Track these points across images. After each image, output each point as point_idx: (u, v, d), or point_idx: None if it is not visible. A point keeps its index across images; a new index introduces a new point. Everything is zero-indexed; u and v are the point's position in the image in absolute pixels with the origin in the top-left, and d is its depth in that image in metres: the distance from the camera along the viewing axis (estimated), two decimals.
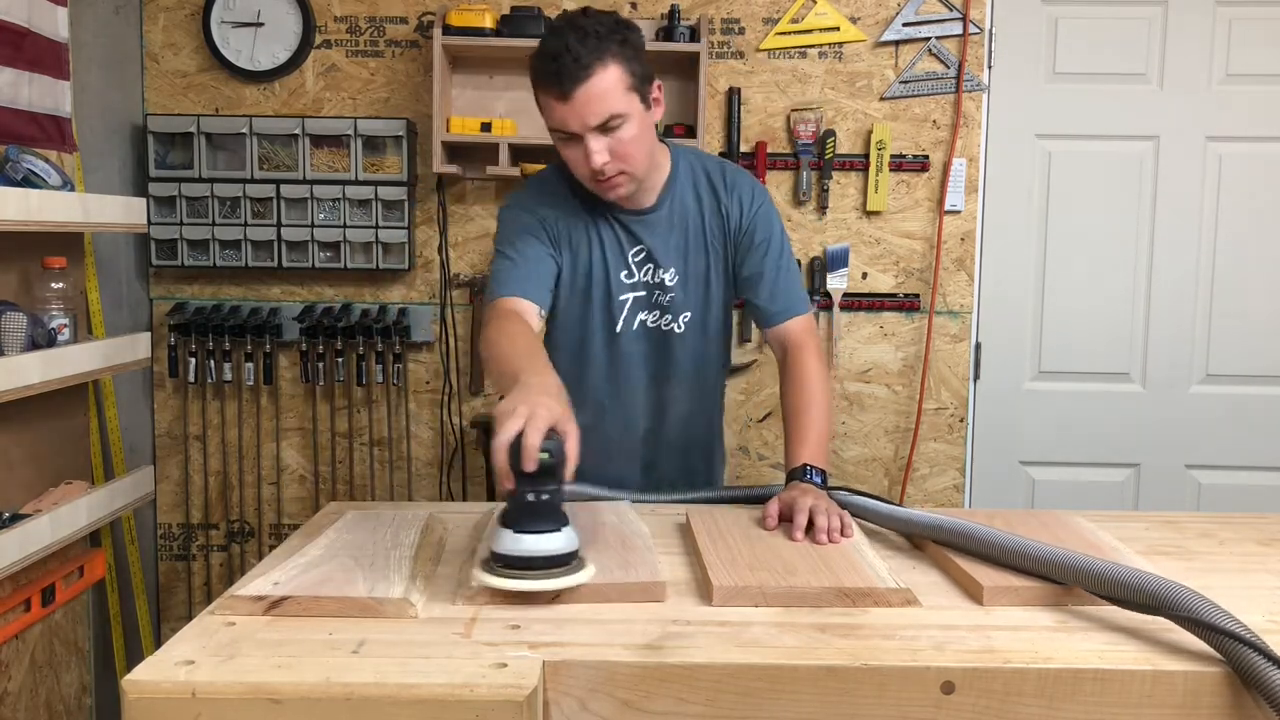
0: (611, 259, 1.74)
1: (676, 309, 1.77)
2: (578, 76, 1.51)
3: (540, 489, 1.19)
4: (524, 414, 1.19)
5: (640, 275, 1.75)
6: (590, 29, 1.53)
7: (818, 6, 2.86)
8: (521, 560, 1.19)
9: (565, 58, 1.51)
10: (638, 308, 1.76)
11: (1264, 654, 0.99)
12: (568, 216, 1.73)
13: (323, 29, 2.87)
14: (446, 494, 2.99)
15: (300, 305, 2.92)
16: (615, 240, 1.74)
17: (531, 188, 1.78)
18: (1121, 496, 3.01)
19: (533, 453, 1.16)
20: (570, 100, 1.52)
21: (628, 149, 1.59)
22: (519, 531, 1.19)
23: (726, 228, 1.76)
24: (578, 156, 1.59)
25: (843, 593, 1.19)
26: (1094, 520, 1.54)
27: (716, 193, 1.76)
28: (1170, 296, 2.95)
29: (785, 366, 1.74)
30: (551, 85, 1.53)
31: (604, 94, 1.53)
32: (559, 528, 1.21)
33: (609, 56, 1.53)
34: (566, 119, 1.55)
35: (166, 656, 1.02)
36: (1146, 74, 2.90)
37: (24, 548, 1.93)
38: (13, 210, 1.89)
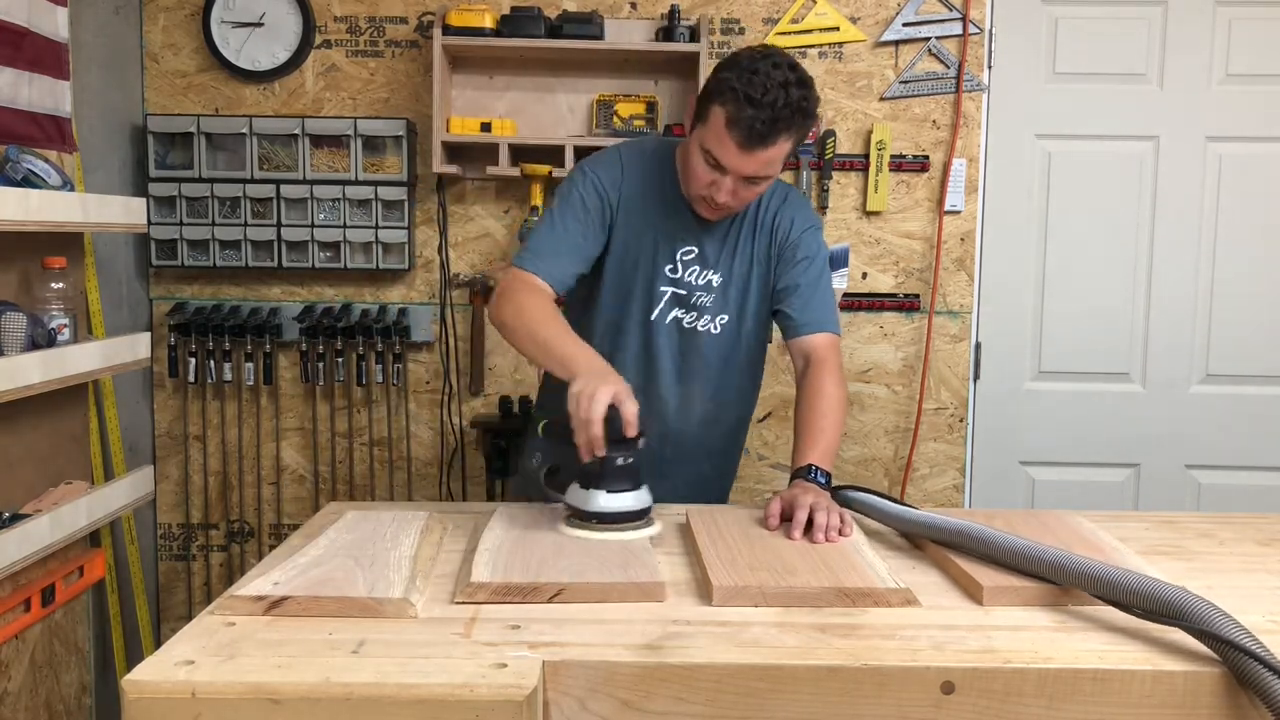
0: (662, 250, 1.77)
1: (714, 311, 1.81)
2: (765, 140, 1.56)
3: (627, 454, 1.44)
4: (609, 390, 1.40)
5: (684, 274, 1.79)
6: (794, 95, 1.55)
7: (818, 6, 2.86)
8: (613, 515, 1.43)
9: (765, 114, 1.53)
10: (673, 303, 1.80)
11: (1266, 665, 0.98)
12: (637, 199, 1.76)
13: (323, 29, 2.87)
14: (446, 494, 2.99)
15: (300, 305, 2.92)
16: (672, 233, 1.77)
17: (614, 163, 1.78)
18: (1121, 496, 3.01)
19: (633, 420, 1.40)
20: (746, 154, 1.57)
21: (750, 197, 1.68)
22: (611, 491, 1.43)
23: (774, 240, 1.80)
24: (707, 179, 1.63)
25: (842, 593, 1.20)
26: (1094, 520, 1.54)
27: (772, 207, 1.80)
28: (1170, 296, 2.95)
29: (804, 379, 1.75)
30: (738, 130, 1.55)
31: (772, 160, 1.60)
32: (639, 486, 1.47)
33: (794, 130, 1.58)
34: (729, 160, 1.59)
35: (166, 656, 1.02)
36: (1146, 74, 2.90)
37: (24, 548, 1.93)
38: (13, 210, 1.89)
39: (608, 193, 1.74)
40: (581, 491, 1.45)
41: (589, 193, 1.74)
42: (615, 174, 1.76)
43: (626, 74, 2.85)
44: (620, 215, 1.75)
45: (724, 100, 1.56)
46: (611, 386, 1.40)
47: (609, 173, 1.76)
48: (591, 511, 1.43)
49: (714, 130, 1.58)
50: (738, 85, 1.54)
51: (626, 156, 1.80)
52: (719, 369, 1.84)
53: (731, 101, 1.55)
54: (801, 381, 1.76)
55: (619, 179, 1.76)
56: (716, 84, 1.59)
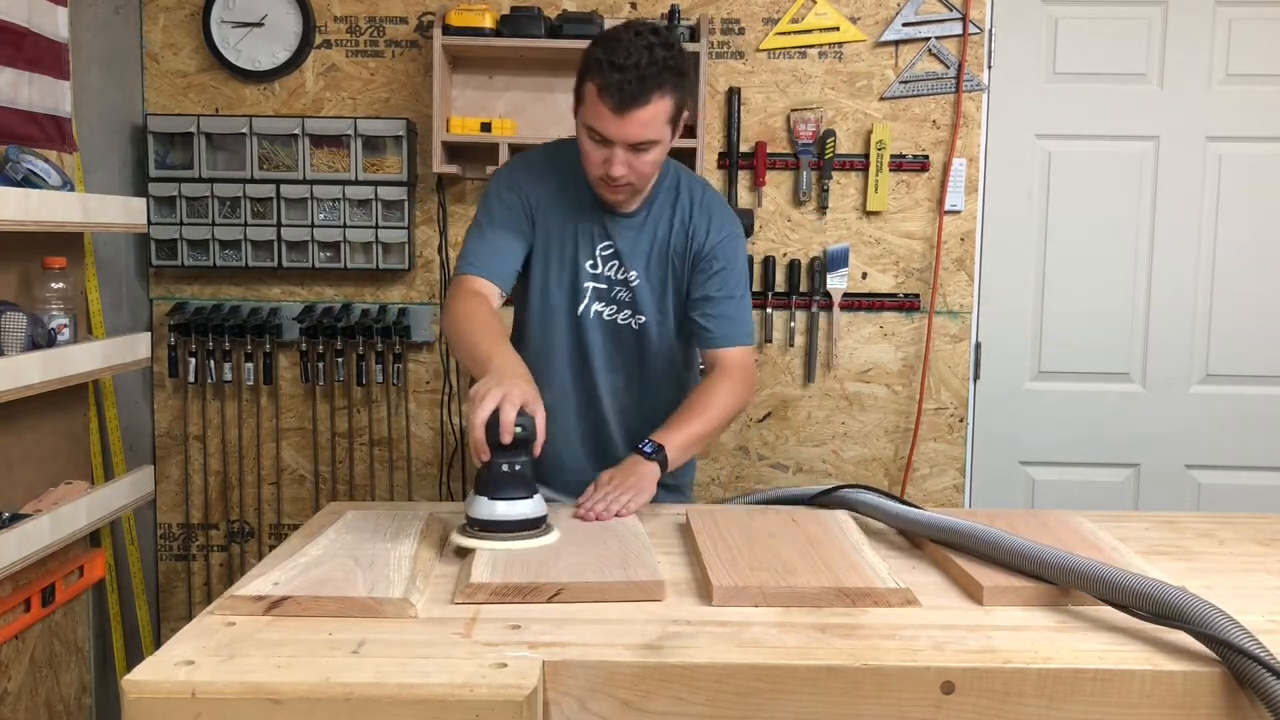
0: (582, 246, 1.80)
1: (636, 307, 1.83)
2: (637, 99, 1.58)
3: (514, 460, 1.36)
4: (499, 394, 1.35)
5: (604, 269, 1.81)
6: (659, 54, 1.58)
7: (818, 6, 2.86)
8: (496, 524, 1.35)
9: (631, 75, 1.56)
10: (596, 297, 1.82)
11: (1269, 668, 0.98)
12: (552, 197, 1.79)
13: (323, 29, 2.87)
14: (446, 494, 2.99)
15: (300, 305, 2.92)
16: (589, 230, 1.80)
17: (522, 165, 1.84)
18: (1121, 496, 3.01)
19: (509, 427, 1.33)
20: (621, 118, 1.59)
21: (645, 168, 1.68)
22: (493, 498, 1.36)
23: (689, 246, 1.81)
24: (599, 158, 1.66)
25: (842, 593, 1.20)
26: (1094, 520, 1.54)
27: (691, 211, 1.81)
28: (1170, 296, 2.95)
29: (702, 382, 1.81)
30: (609, 95, 1.58)
31: (651, 121, 1.61)
32: (530, 495, 1.38)
33: (667, 88, 1.60)
34: (608, 129, 1.61)
35: (166, 656, 1.02)
36: (1146, 74, 2.90)
37: (24, 548, 1.93)
38: (13, 210, 1.89)
39: (524, 191, 1.78)
40: (474, 498, 1.38)
41: (506, 193, 1.78)
42: (525, 174, 1.81)
43: None
44: (539, 214, 1.79)
45: (592, 73, 1.60)
46: (503, 389, 1.35)
47: (520, 174, 1.81)
48: (475, 519, 1.36)
49: (590, 105, 1.62)
50: (601, 55, 1.58)
51: (534, 158, 1.85)
52: (654, 368, 1.87)
53: (598, 72, 1.58)
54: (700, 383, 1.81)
55: (532, 178, 1.79)
56: (584, 62, 1.63)
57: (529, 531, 1.36)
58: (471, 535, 1.35)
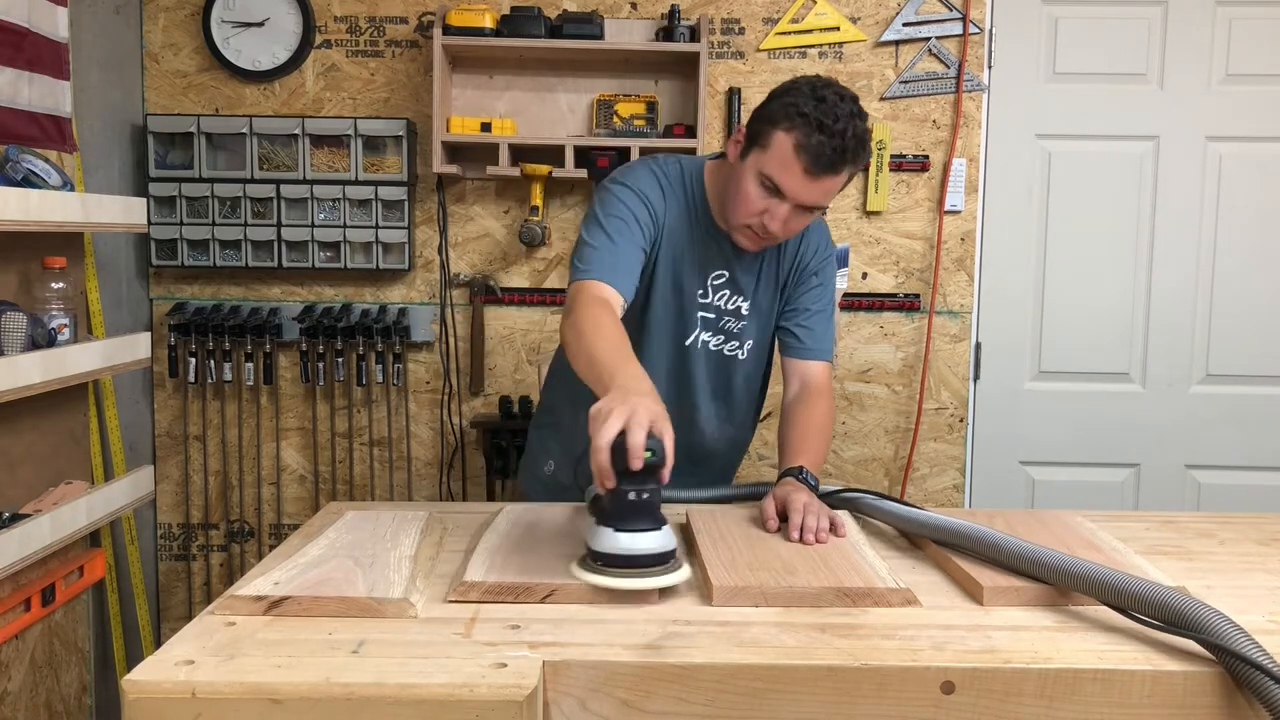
0: (695, 273, 1.75)
1: (743, 336, 1.81)
2: (834, 169, 1.55)
3: (642, 488, 1.20)
4: (624, 414, 1.19)
5: (714, 298, 1.77)
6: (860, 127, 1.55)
7: (818, 6, 2.86)
8: (625, 559, 1.20)
9: (836, 142, 1.52)
10: (705, 327, 1.79)
11: (1270, 674, 0.98)
12: (676, 219, 1.73)
13: (323, 29, 2.87)
14: (446, 494, 2.99)
15: (300, 305, 2.92)
16: (703, 258, 1.75)
17: (649, 174, 1.73)
18: (1121, 496, 3.01)
19: (639, 451, 1.17)
20: (811, 181, 1.55)
21: (797, 229, 1.66)
22: (620, 530, 1.21)
23: (794, 262, 1.80)
24: (759, 206, 1.60)
25: (843, 593, 1.20)
26: (1094, 520, 1.54)
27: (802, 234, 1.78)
28: (1170, 296, 2.95)
29: (800, 400, 1.77)
30: (806, 154, 1.53)
31: (833, 190, 1.59)
32: (659, 526, 1.23)
33: (856, 164, 1.58)
34: (794, 187, 1.56)
35: (166, 656, 1.02)
36: (1146, 74, 2.90)
37: (24, 548, 1.93)
38: (13, 210, 1.89)
39: (653, 203, 1.70)
40: (595, 529, 1.24)
41: (637, 207, 1.68)
42: (658, 193, 1.72)
43: (626, 74, 2.85)
44: (663, 236, 1.72)
45: (791, 125, 1.53)
46: (628, 409, 1.20)
47: (653, 191, 1.71)
48: (598, 552, 1.22)
49: (778, 155, 1.55)
50: (809, 111, 1.52)
51: (664, 178, 1.74)
52: (744, 393, 1.87)
53: (801, 127, 1.52)
54: (796, 401, 1.78)
55: (662, 199, 1.72)
56: (781, 109, 1.55)
57: (658, 567, 1.22)
58: (596, 571, 1.21)
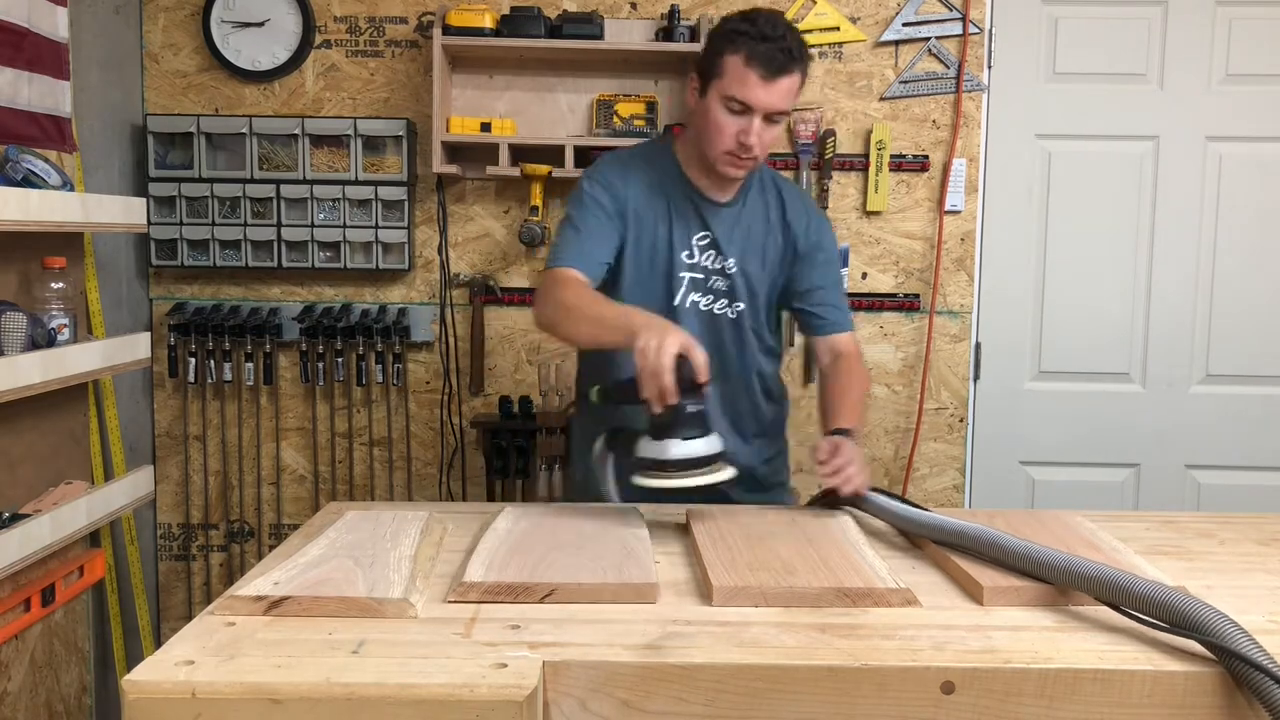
0: (677, 237, 1.84)
1: (733, 295, 1.87)
2: (787, 67, 1.69)
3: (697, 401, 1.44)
4: (676, 339, 1.42)
5: (700, 258, 1.85)
6: (797, 34, 1.72)
7: (818, 6, 2.86)
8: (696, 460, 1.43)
9: (783, 45, 1.68)
10: (693, 288, 1.86)
11: (1270, 675, 0.97)
12: (643, 192, 1.83)
13: (323, 29, 2.87)
14: (446, 494, 2.99)
15: (300, 305, 2.92)
16: (685, 222, 1.84)
17: (613, 163, 1.88)
18: (1121, 496, 3.01)
19: (704, 367, 1.42)
20: (769, 84, 1.68)
21: (769, 142, 1.76)
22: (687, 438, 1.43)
23: (788, 240, 1.88)
24: (734, 129, 1.71)
25: (842, 593, 1.19)
26: (1094, 520, 1.54)
27: (785, 208, 1.89)
28: (1170, 296, 2.95)
29: (837, 365, 1.90)
30: (758, 63, 1.67)
31: (791, 91, 1.72)
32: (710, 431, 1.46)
33: (802, 65, 1.72)
34: (756, 96, 1.69)
35: (166, 656, 1.02)
36: (1146, 74, 2.90)
37: (24, 548, 1.93)
38: (13, 210, 1.89)
39: (615, 187, 1.82)
40: (655, 443, 1.45)
41: (597, 191, 1.81)
42: (618, 171, 1.85)
43: (626, 74, 2.85)
44: (631, 209, 1.82)
45: (736, 46, 1.68)
46: (678, 335, 1.43)
47: (612, 171, 1.85)
48: (670, 460, 1.43)
49: (732, 74, 1.68)
50: (746, 29, 1.68)
51: (623, 157, 1.90)
52: (738, 354, 1.91)
53: (744, 43, 1.67)
54: (834, 369, 1.89)
55: (623, 175, 1.84)
56: (721, 37, 1.71)
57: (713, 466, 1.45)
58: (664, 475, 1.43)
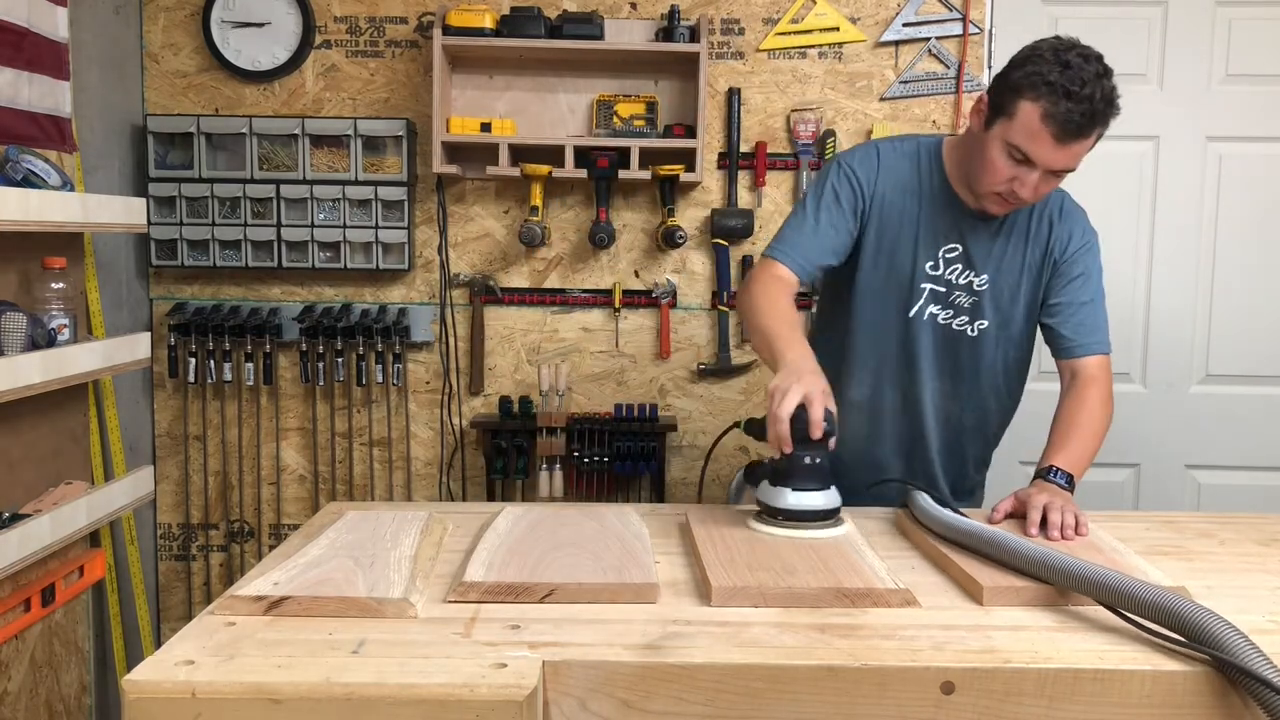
0: (923, 246, 1.75)
1: (976, 313, 1.78)
2: (1085, 132, 1.55)
3: (816, 454, 1.44)
4: (801, 390, 1.41)
5: (945, 271, 1.76)
6: (1108, 87, 1.56)
7: (818, 7, 2.86)
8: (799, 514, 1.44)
9: (1085, 107, 1.53)
10: (932, 300, 1.77)
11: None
12: (896, 191, 1.74)
13: (323, 29, 2.86)
14: (446, 494, 2.99)
15: (300, 305, 2.92)
16: (934, 231, 1.75)
17: (870, 153, 1.78)
18: (1121, 496, 3.01)
19: (820, 424, 1.40)
20: (1063, 146, 1.56)
21: (1047, 191, 1.65)
22: (797, 489, 1.44)
23: (1049, 251, 1.76)
24: (1008, 175, 1.60)
25: (841, 593, 1.19)
26: (1094, 521, 1.54)
27: (1053, 220, 1.77)
28: (1170, 296, 2.95)
29: (1068, 392, 1.74)
30: (1054, 122, 1.54)
31: (1082, 154, 1.59)
32: (828, 487, 1.46)
33: (1105, 124, 1.58)
34: (1042, 155, 1.57)
35: (166, 656, 1.02)
36: (1146, 74, 2.90)
37: (24, 548, 1.93)
38: (13, 210, 1.89)
39: (862, 186, 1.73)
40: (770, 489, 1.47)
41: (842, 185, 1.73)
42: (871, 168, 1.75)
43: (626, 74, 2.85)
44: (874, 209, 1.74)
45: (1037, 95, 1.54)
46: (805, 386, 1.41)
47: (864, 167, 1.75)
48: (777, 508, 1.45)
49: (1024, 125, 1.55)
50: (1054, 79, 1.53)
51: (884, 152, 1.78)
52: (978, 375, 1.82)
53: (1047, 95, 1.53)
54: (1065, 395, 1.74)
55: (874, 173, 1.74)
56: (1025, 78, 1.56)
57: (825, 521, 1.45)
58: (773, 524, 1.45)
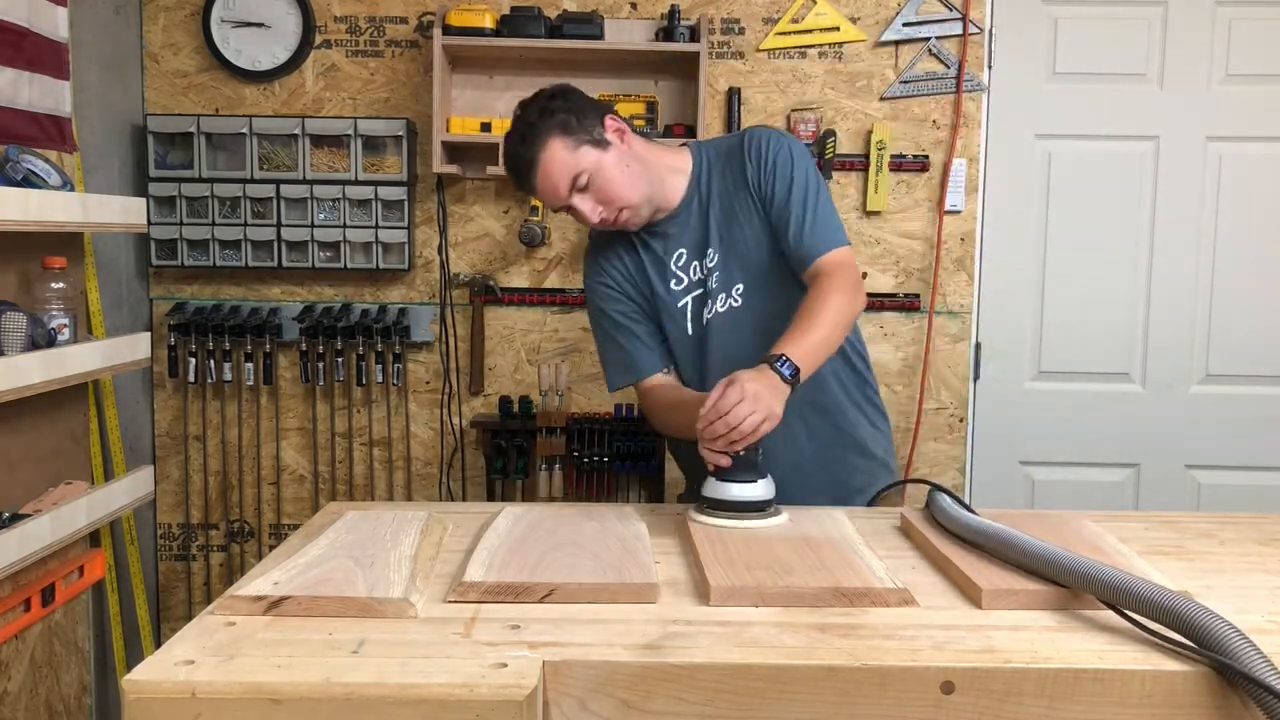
0: (659, 276, 1.81)
1: (726, 285, 1.77)
2: (528, 172, 1.68)
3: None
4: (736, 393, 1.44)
5: (689, 276, 1.80)
6: (523, 126, 1.68)
7: (818, 6, 2.86)
8: (729, 504, 1.49)
9: (514, 160, 1.70)
10: (700, 304, 1.80)
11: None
12: (625, 261, 1.83)
13: (323, 29, 2.87)
14: (446, 494, 2.99)
15: (300, 305, 2.92)
16: (656, 257, 1.81)
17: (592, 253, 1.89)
18: (1121, 496, 3.01)
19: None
20: (537, 190, 1.71)
21: (609, 192, 1.69)
22: (723, 480, 1.50)
23: (752, 185, 1.74)
24: (572, 216, 1.74)
25: (839, 593, 1.19)
26: (1094, 521, 1.53)
27: (739, 162, 1.76)
28: (1170, 296, 2.95)
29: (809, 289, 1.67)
30: (519, 186, 1.74)
31: (553, 171, 1.67)
32: (757, 479, 1.50)
33: (545, 139, 1.66)
34: (542, 201, 1.77)
35: (166, 656, 1.02)
36: (1146, 74, 2.90)
37: (24, 548, 1.93)
38: (13, 210, 1.89)
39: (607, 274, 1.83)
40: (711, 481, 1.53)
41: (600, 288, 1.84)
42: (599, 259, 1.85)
43: (626, 74, 2.85)
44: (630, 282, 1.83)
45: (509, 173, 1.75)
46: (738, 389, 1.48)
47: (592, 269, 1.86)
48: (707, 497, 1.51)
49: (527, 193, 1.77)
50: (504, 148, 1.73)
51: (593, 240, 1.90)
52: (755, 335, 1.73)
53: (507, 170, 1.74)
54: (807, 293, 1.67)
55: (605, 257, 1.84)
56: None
57: (758, 513, 1.49)
58: (707, 514, 1.50)
